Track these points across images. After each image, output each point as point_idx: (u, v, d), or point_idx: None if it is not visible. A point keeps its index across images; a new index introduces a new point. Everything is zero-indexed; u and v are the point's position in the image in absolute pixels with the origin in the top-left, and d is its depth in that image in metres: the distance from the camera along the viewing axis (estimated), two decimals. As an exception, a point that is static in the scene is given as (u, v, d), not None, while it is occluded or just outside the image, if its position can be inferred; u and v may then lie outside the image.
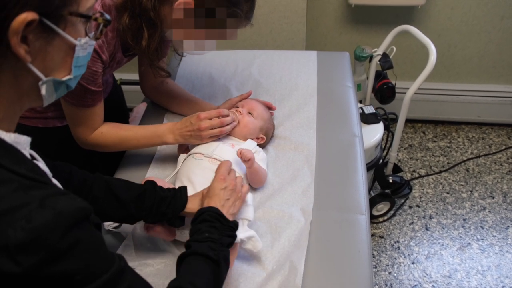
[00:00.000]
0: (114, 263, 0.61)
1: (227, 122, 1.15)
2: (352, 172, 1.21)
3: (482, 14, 2.18)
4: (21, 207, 0.52)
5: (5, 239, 0.50)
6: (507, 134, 2.54)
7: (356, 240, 1.04)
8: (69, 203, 0.56)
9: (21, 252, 0.51)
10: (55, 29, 0.58)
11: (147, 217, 0.95)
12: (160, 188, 0.97)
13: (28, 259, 0.51)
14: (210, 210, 0.88)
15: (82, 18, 0.61)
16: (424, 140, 2.54)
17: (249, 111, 1.26)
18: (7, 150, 0.59)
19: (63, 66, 0.63)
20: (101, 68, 1.04)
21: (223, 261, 0.81)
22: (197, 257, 0.79)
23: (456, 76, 2.45)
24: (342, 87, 1.52)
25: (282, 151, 1.28)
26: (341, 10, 2.23)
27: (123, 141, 1.17)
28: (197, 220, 0.87)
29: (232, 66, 1.63)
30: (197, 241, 0.81)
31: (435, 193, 2.23)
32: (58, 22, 0.58)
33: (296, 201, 1.13)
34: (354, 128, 1.35)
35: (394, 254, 1.96)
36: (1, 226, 0.51)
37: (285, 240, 1.04)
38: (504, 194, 2.19)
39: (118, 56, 1.13)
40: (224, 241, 0.84)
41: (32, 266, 0.51)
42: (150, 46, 1.08)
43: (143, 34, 1.05)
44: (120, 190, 0.93)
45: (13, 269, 0.50)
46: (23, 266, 0.51)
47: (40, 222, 0.52)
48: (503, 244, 1.97)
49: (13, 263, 0.50)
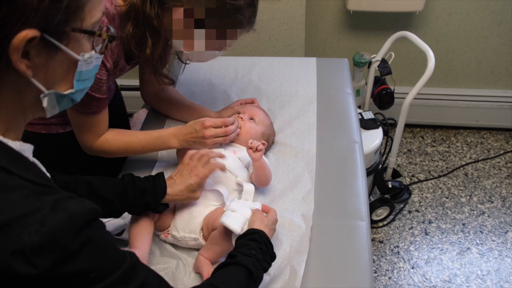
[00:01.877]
0: (125, 260, 0.63)
1: (232, 131, 1.17)
2: (352, 178, 1.22)
3: (480, 20, 2.20)
4: (34, 212, 0.54)
5: (20, 243, 0.52)
6: (506, 138, 2.55)
7: (357, 246, 1.04)
8: (79, 205, 0.58)
9: (37, 254, 0.52)
10: (57, 45, 0.58)
11: (132, 210, 1.00)
12: (138, 179, 1.00)
13: (43, 261, 0.52)
14: (262, 233, 0.91)
15: (88, 34, 0.62)
16: (423, 145, 2.55)
17: (250, 117, 1.27)
18: (16, 158, 0.60)
19: (65, 80, 0.63)
20: (105, 76, 1.05)
21: (258, 281, 0.85)
22: (240, 268, 0.82)
23: (454, 81, 2.46)
24: (341, 93, 1.54)
25: (282, 157, 1.29)
26: (340, 16, 2.25)
27: (128, 147, 1.18)
28: (247, 237, 0.90)
29: (232, 73, 1.64)
30: (244, 254, 0.85)
31: (434, 197, 2.24)
32: (61, 38, 0.58)
33: (297, 208, 1.14)
34: (354, 134, 1.36)
35: (393, 259, 1.96)
36: (16, 231, 0.52)
37: (286, 246, 1.04)
38: (503, 199, 2.20)
39: (121, 64, 1.14)
40: (264, 266, 0.87)
41: (48, 267, 0.53)
42: (154, 54, 1.09)
43: (147, 42, 1.06)
44: (102, 188, 0.95)
45: (30, 271, 0.52)
46: (39, 268, 0.52)
47: (54, 224, 0.54)
48: (503, 248, 1.98)
49: (29, 266, 0.52)
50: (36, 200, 0.55)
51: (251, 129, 1.24)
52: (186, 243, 1.06)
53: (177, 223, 1.06)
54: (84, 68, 0.64)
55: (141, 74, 1.37)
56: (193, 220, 1.05)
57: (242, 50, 2.08)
